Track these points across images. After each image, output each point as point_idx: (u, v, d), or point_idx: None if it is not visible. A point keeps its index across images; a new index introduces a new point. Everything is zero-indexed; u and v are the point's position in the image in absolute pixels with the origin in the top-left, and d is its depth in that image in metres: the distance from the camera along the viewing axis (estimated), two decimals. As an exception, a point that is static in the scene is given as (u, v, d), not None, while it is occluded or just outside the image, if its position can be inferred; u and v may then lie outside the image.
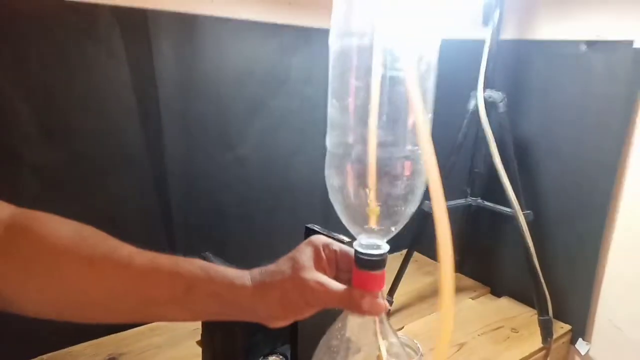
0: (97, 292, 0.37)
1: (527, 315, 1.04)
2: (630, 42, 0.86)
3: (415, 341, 0.75)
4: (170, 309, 0.39)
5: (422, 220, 0.99)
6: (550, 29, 0.98)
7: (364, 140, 0.34)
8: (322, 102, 1.25)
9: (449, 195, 1.08)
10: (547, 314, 0.95)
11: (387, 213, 0.36)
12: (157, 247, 0.39)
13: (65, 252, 0.37)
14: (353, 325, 0.40)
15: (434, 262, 1.27)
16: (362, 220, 0.37)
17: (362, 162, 0.35)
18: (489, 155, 0.96)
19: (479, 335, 0.96)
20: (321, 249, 0.40)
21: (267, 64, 0.98)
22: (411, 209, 0.38)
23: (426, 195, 1.12)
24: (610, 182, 0.92)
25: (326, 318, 0.73)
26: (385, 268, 0.39)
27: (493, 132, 0.93)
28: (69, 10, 0.75)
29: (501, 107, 0.93)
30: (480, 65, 0.95)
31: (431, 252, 1.27)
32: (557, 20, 0.97)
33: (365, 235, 0.38)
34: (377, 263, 0.38)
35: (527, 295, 1.03)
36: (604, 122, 0.91)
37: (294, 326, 0.69)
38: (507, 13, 0.96)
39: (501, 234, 1.10)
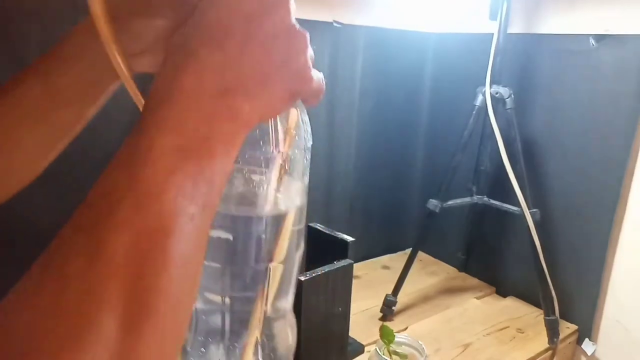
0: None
1: (533, 316, 1.02)
2: (641, 37, 0.84)
3: (420, 342, 0.74)
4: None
5: (427, 219, 0.98)
6: (559, 22, 0.96)
7: None
8: (325, 99, 1.24)
9: (454, 193, 1.08)
10: (554, 314, 0.94)
11: None
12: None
13: None
14: None
15: (439, 261, 1.25)
16: None
17: None
18: (495, 153, 0.94)
19: (484, 335, 0.95)
20: None
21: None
22: None
23: (430, 194, 1.10)
24: (619, 181, 0.90)
25: (328, 320, 0.72)
26: None
27: (500, 129, 0.91)
28: (69, 7, 0.73)
29: (508, 103, 0.91)
30: (486, 60, 0.94)
31: (436, 252, 1.26)
32: (565, 14, 0.95)
33: None
34: None
35: (533, 295, 1.02)
36: (613, 118, 0.89)
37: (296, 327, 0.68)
38: (514, 6, 0.94)
39: (507, 233, 1.09)
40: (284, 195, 0.34)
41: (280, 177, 0.33)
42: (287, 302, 0.36)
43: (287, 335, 0.36)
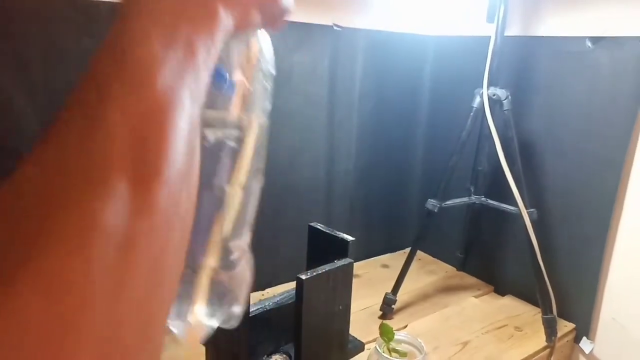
0: None
1: (530, 314, 1.03)
2: (638, 38, 0.85)
3: (419, 340, 0.75)
4: None
5: (426, 219, 0.99)
6: (556, 25, 0.97)
7: None
8: (326, 100, 1.25)
9: (453, 193, 1.09)
10: (551, 312, 0.95)
11: None
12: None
13: None
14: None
15: (438, 260, 1.26)
16: None
17: None
18: (492, 153, 0.95)
19: (482, 333, 0.96)
20: None
21: (269, 61, 0.98)
22: None
23: (429, 194, 1.11)
24: (616, 181, 0.91)
25: (329, 318, 0.73)
26: None
27: (497, 130, 0.92)
28: (69, 7, 0.74)
29: (505, 104, 0.93)
30: (483, 62, 0.95)
31: (435, 251, 1.27)
32: (562, 16, 0.96)
33: None
34: None
35: (530, 294, 1.03)
36: (610, 119, 0.90)
37: (298, 325, 0.69)
38: (511, 9, 0.95)
39: (505, 233, 1.10)
40: (245, 116, 0.34)
41: (242, 100, 0.34)
42: (243, 242, 0.36)
43: (244, 270, 0.36)
